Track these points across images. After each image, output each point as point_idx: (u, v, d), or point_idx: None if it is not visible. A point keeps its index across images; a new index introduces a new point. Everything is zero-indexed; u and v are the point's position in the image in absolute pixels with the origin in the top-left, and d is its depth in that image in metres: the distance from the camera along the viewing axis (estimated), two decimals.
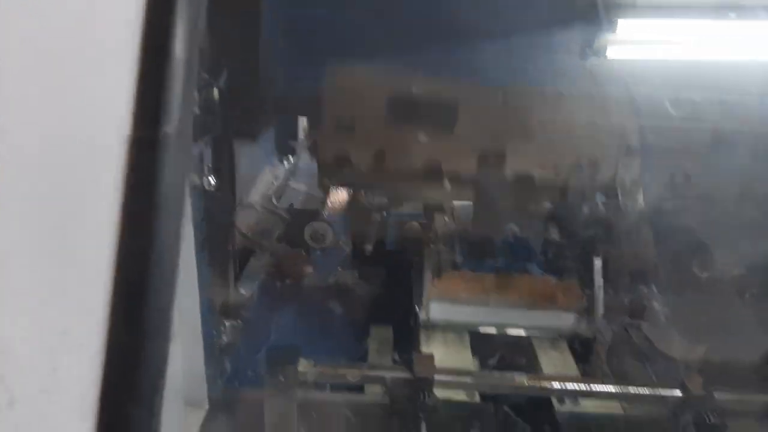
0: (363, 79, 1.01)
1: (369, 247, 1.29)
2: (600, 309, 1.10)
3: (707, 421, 0.86)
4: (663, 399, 0.90)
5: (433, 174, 1.07)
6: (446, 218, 1.33)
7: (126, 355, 0.45)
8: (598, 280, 1.06)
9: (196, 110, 0.84)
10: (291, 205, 1.40)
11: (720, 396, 0.89)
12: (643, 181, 0.98)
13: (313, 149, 1.19)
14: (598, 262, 1.03)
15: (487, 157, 1.03)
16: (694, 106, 0.95)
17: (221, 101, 0.89)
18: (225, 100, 0.89)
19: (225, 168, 1.04)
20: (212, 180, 0.95)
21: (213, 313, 1.17)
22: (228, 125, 0.95)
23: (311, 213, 1.31)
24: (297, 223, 1.31)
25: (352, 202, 1.34)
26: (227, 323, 1.24)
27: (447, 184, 1.09)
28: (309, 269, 1.33)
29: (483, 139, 1.02)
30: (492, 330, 1.17)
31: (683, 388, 0.90)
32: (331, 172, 1.16)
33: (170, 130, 0.46)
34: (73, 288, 0.45)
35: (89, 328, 0.45)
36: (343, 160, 1.09)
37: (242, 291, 1.24)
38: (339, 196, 1.35)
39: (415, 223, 1.15)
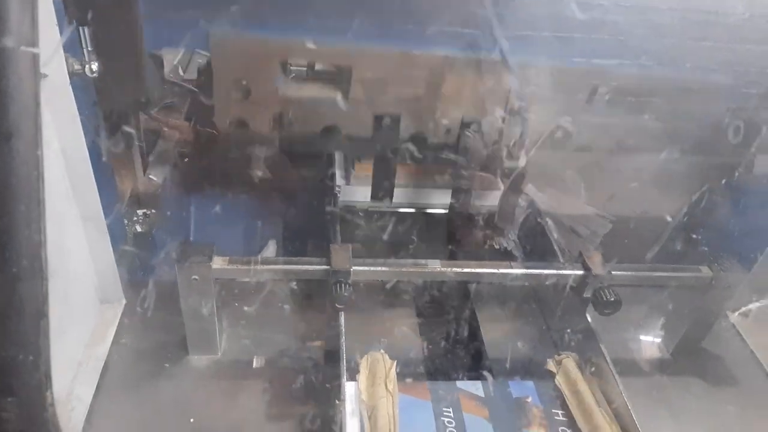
0: (255, 42, 0.95)
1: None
2: None
3: (605, 297, 0.92)
4: (566, 277, 0.96)
5: (332, 136, 1.05)
6: None
7: None
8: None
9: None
10: (200, 76, 1.30)
11: (617, 273, 0.95)
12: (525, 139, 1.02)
13: None
14: None
15: (382, 118, 0.99)
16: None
17: None
18: None
19: (121, 48, 0.93)
20: (94, 66, 0.85)
21: (121, 204, 1.12)
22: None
23: None
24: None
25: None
26: (140, 212, 1.19)
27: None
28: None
29: (378, 102, 1.00)
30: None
31: (585, 267, 0.95)
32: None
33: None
34: None
35: None
36: (240, 124, 1.02)
37: (152, 177, 1.18)
38: None
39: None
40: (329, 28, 0.91)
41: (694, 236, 1.14)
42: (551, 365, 0.98)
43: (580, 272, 0.95)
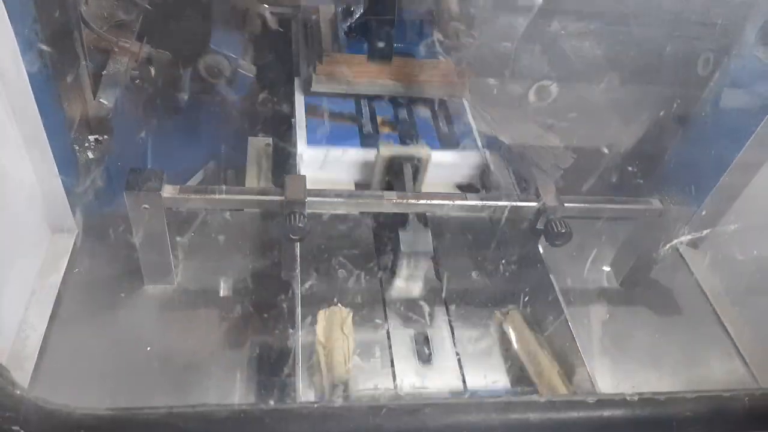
0: None
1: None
2: None
3: (556, 228, 0.94)
4: (522, 209, 0.97)
5: None
6: None
7: None
8: None
9: None
10: None
11: (570, 205, 0.97)
12: None
13: None
14: None
15: None
16: None
17: None
18: None
19: None
20: None
21: (70, 129, 1.08)
22: None
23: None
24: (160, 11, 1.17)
25: None
26: (91, 139, 1.15)
27: None
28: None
29: None
30: None
31: (539, 200, 0.96)
32: None
33: None
34: None
35: None
36: None
37: (103, 101, 1.13)
38: None
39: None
40: None
41: (645, 168, 1.15)
42: (498, 316, 1.00)
43: (534, 204, 0.96)
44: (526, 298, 0.99)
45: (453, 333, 0.97)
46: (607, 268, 1.15)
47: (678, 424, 0.54)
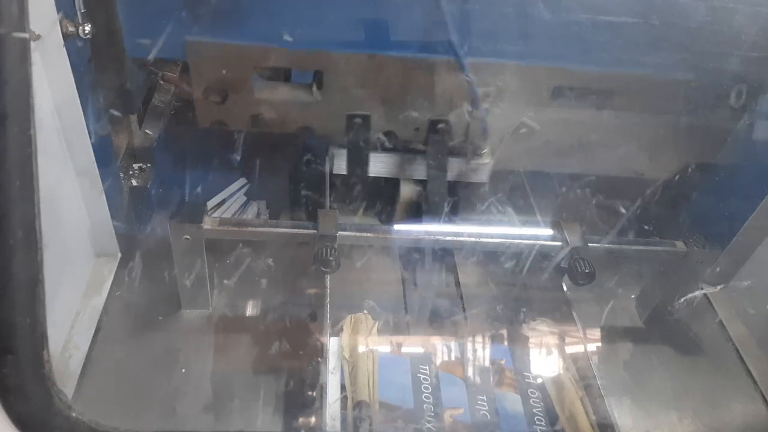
0: (228, 49, 0.98)
1: None
2: None
3: (580, 268, 0.96)
4: (543, 247, 1.00)
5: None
6: None
7: None
8: None
9: None
10: None
11: (594, 245, 0.99)
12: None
13: None
14: None
15: (354, 118, 1.03)
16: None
17: None
18: None
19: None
20: (87, 28, 0.87)
21: (117, 157, 1.14)
22: None
23: None
24: None
25: None
26: (135, 167, 1.21)
27: None
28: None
29: (349, 103, 1.03)
30: None
31: (562, 238, 0.99)
32: None
33: None
34: None
35: None
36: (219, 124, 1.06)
37: (148, 131, 1.19)
38: None
39: None
40: None
41: (671, 213, 1.17)
42: (525, 330, 1.03)
43: (558, 243, 0.99)
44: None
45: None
46: (629, 308, 1.16)
47: None
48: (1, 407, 0.48)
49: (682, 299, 1.10)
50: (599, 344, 1.04)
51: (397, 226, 0.99)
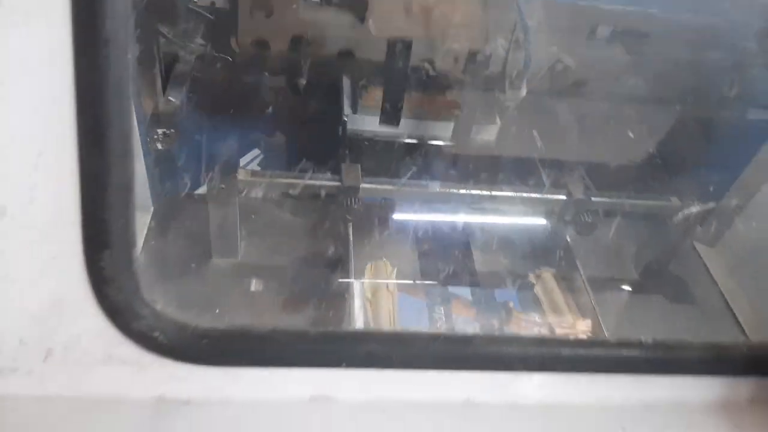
0: None
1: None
2: None
3: (583, 218, 1.05)
4: (551, 202, 1.08)
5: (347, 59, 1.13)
6: None
7: (98, 174, 0.53)
8: None
9: None
10: (213, 3, 1.36)
11: (596, 198, 1.07)
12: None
13: None
14: None
15: (395, 45, 1.07)
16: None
17: None
18: None
19: None
20: None
21: (143, 122, 1.21)
22: None
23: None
24: (221, 22, 1.30)
25: None
26: (160, 132, 1.28)
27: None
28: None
29: (391, 28, 1.07)
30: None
31: (567, 193, 1.07)
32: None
33: None
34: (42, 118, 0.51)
35: (61, 151, 0.51)
36: (261, 43, 1.09)
37: (171, 98, 1.26)
38: None
39: None
40: None
41: (667, 169, 1.25)
42: (532, 278, 1.11)
43: (563, 197, 1.07)
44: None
45: None
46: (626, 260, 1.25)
47: (684, 364, 0.65)
48: (93, 296, 0.56)
49: (676, 253, 1.19)
50: (598, 292, 1.13)
51: (414, 181, 1.07)
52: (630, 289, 1.19)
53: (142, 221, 1.17)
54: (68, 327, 0.58)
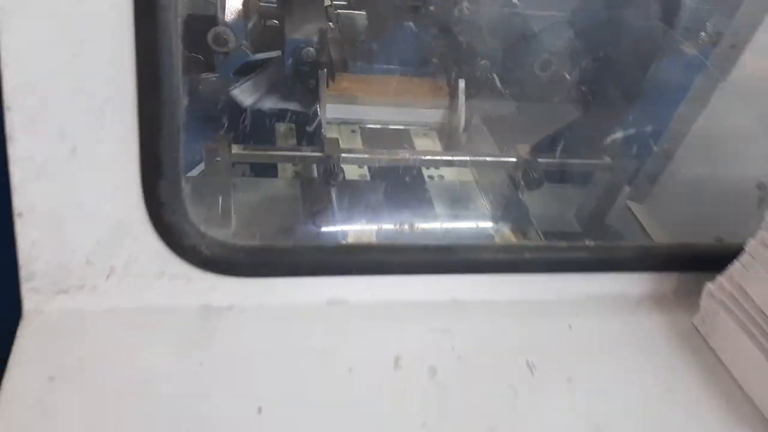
0: None
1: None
2: (462, 106, 1.43)
3: (531, 175, 1.22)
4: (501, 163, 1.25)
5: None
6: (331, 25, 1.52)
7: (153, 117, 0.66)
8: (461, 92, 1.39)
9: None
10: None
11: (541, 159, 1.25)
12: None
13: None
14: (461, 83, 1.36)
15: None
16: None
17: None
18: None
19: None
20: None
21: None
22: None
23: (210, 18, 1.43)
24: (195, 27, 1.42)
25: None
26: None
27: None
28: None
29: None
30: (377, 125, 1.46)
31: (516, 155, 1.25)
32: None
33: None
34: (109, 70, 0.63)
35: (124, 98, 0.64)
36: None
37: None
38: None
39: (311, 49, 1.34)
40: None
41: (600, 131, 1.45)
42: (491, 231, 1.28)
43: (514, 159, 1.25)
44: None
45: None
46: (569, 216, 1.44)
47: (621, 263, 0.82)
48: (149, 220, 0.68)
49: (611, 207, 1.38)
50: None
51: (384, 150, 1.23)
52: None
53: None
54: (128, 248, 0.70)
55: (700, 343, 0.83)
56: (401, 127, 1.49)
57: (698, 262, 0.86)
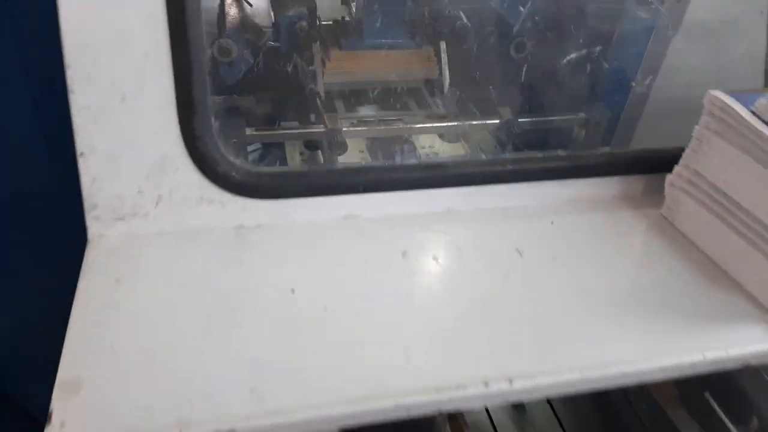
0: None
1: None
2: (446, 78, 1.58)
3: (513, 130, 1.36)
4: (486, 125, 1.40)
5: None
6: None
7: (185, 68, 0.80)
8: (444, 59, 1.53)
9: None
10: None
11: (521, 120, 1.40)
12: None
13: None
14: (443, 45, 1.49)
15: None
16: None
17: None
18: None
19: None
20: None
21: None
22: None
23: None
24: None
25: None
26: None
27: None
28: None
29: None
30: None
31: (499, 117, 1.39)
32: None
33: None
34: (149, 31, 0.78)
35: (161, 53, 0.78)
36: None
37: None
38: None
39: (303, 23, 1.48)
40: None
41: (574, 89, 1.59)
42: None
43: (497, 120, 1.39)
44: None
45: None
46: None
47: (594, 168, 0.95)
48: (187, 153, 0.82)
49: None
50: None
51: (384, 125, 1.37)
52: None
53: None
54: (171, 178, 0.83)
55: (669, 227, 0.95)
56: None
57: (661, 164, 0.99)
